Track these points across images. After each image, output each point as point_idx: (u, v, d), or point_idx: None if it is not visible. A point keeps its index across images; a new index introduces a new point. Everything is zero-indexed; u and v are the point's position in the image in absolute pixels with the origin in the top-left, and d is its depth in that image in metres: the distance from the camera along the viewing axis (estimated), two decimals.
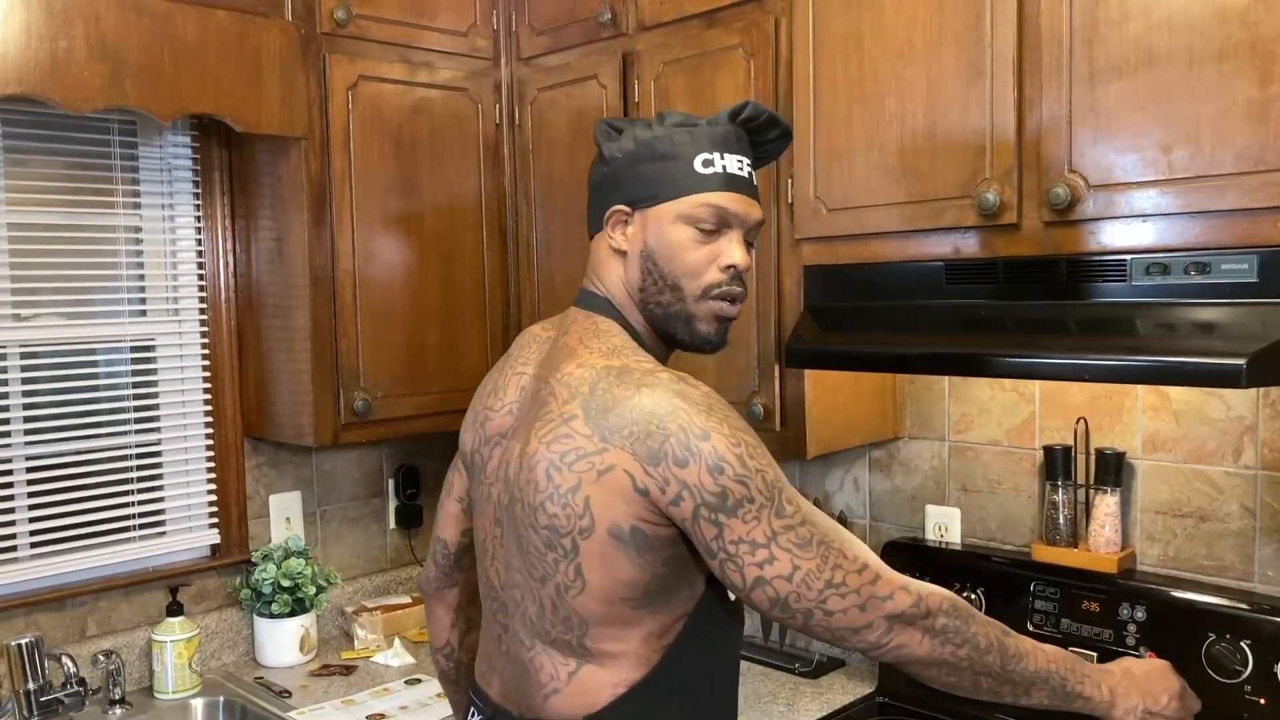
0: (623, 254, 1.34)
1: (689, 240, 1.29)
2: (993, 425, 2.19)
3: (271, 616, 2.46)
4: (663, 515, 1.20)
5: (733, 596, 1.27)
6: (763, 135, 1.38)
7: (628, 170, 1.32)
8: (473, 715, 1.43)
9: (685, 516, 1.18)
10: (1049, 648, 1.30)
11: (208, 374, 2.51)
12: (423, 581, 1.63)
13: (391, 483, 2.85)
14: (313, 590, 2.48)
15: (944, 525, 2.27)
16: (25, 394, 2.27)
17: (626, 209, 1.32)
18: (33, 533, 2.27)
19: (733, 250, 1.31)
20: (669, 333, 1.34)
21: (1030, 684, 1.27)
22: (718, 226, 1.30)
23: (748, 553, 1.17)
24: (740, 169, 1.32)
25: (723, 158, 1.30)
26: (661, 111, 1.36)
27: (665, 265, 1.30)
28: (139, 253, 2.42)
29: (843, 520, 2.40)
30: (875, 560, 1.21)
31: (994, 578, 2.10)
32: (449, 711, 2.17)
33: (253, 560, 2.51)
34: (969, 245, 1.75)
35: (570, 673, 1.27)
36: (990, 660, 1.24)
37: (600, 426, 1.21)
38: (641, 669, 1.26)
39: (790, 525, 1.18)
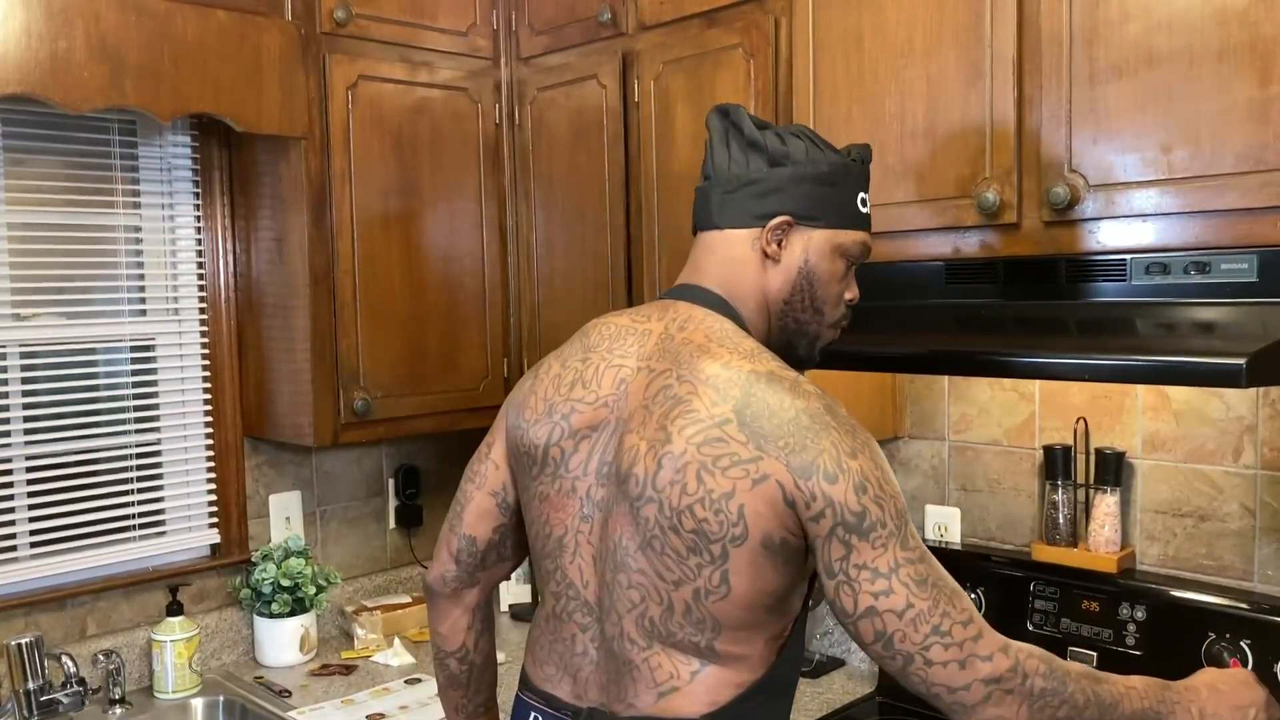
0: (775, 262, 1.33)
1: (839, 271, 1.36)
2: (993, 425, 2.19)
3: (271, 616, 2.46)
4: (802, 528, 1.19)
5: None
6: None
7: (797, 182, 1.32)
8: (534, 719, 1.39)
9: (821, 533, 1.17)
10: (1135, 680, 1.27)
11: (208, 374, 2.51)
12: (434, 581, 1.53)
13: (391, 483, 2.85)
14: (313, 590, 2.48)
15: (944, 525, 2.27)
16: (25, 394, 2.27)
17: (791, 221, 1.32)
18: (33, 533, 2.27)
19: (854, 286, 1.40)
20: (791, 345, 1.38)
21: None
22: (859, 262, 1.38)
23: (868, 580, 1.15)
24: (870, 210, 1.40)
25: (869, 199, 1.39)
26: (802, 127, 1.37)
27: (820, 289, 1.35)
28: (139, 253, 2.42)
29: None
30: (980, 618, 1.19)
31: (994, 578, 2.10)
32: None
33: (253, 560, 2.51)
34: (969, 245, 1.75)
35: (693, 672, 1.25)
36: (1090, 716, 1.20)
37: (756, 433, 1.18)
38: (761, 669, 1.26)
39: (912, 560, 1.16)
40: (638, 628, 1.26)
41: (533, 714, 1.39)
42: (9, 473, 2.24)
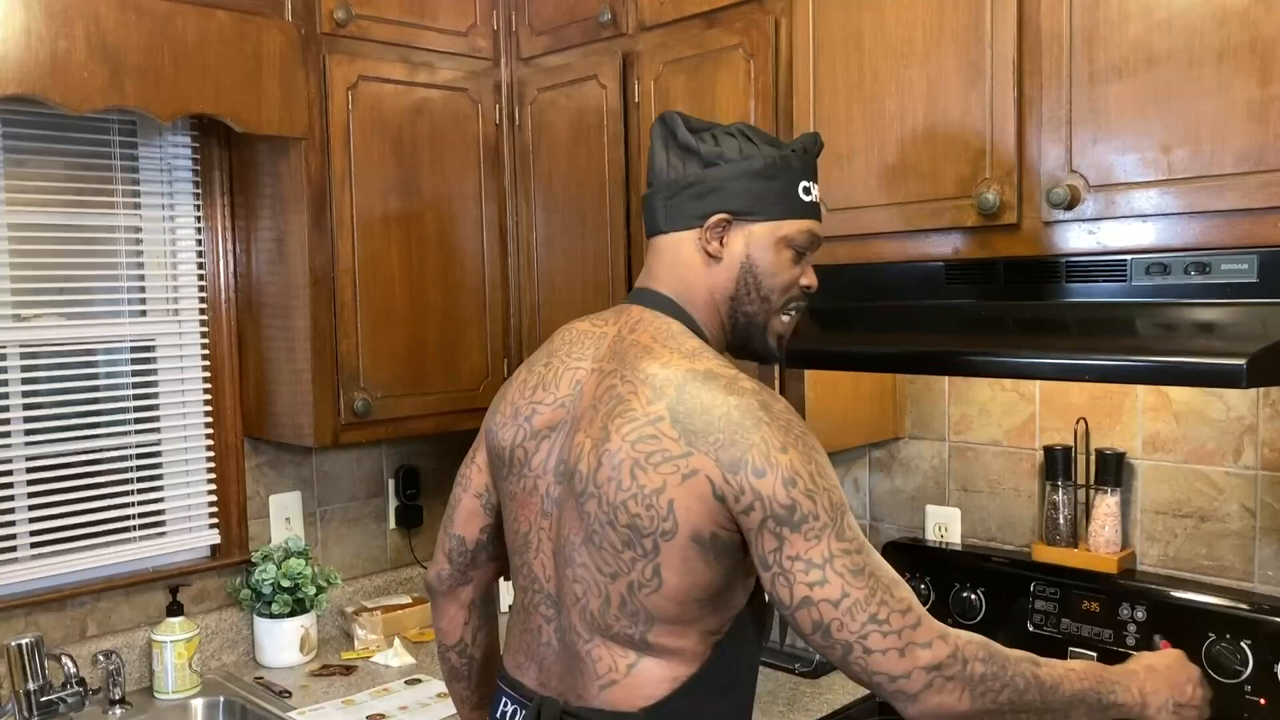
0: (717, 260, 1.36)
1: (786, 262, 1.37)
2: (993, 425, 2.19)
3: (271, 617, 2.46)
4: (734, 523, 1.21)
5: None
6: None
7: (732, 180, 1.34)
8: (505, 704, 1.44)
9: (752, 526, 1.20)
10: (1074, 664, 1.30)
11: (208, 374, 2.51)
12: (432, 579, 1.61)
13: (391, 483, 2.85)
14: (313, 590, 2.48)
15: (944, 525, 2.27)
16: (25, 394, 2.27)
17: (729, 218, 1.35)
18: (33, 533, 2.27)
19: (810, 273, 1.41)
20: (744, 340, 1.41)
21: (1069, 708, 1.27)
22: (807, 251, 1.39)
23: (802, 571, 1.18)
24: (818, 198, 1.42)
25: (814, 187, 1.40)
26: (741, 124, 1.38)
27: (765, 280, 1.37)
28: (139, 253, 2.42)
29: None
30: (919, 606, 1.21)
31: (994, 578, 2.10)
32: (450, 711, 2.17)
33: (253, 560, 2.51)
34: (969, 245, 1.75)
35: (629, 665, 1.29)
36: (1030, 698, 1.23)
37: (687, 430, 1.22)
38: (695, 664, 1.29)
39: (847, 550, 1.18)
40: (581, 620, 1.31)
41: (503, 699, 1.45)
42: (9, 473, 2.24)
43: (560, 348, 1.44)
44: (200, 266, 2.50)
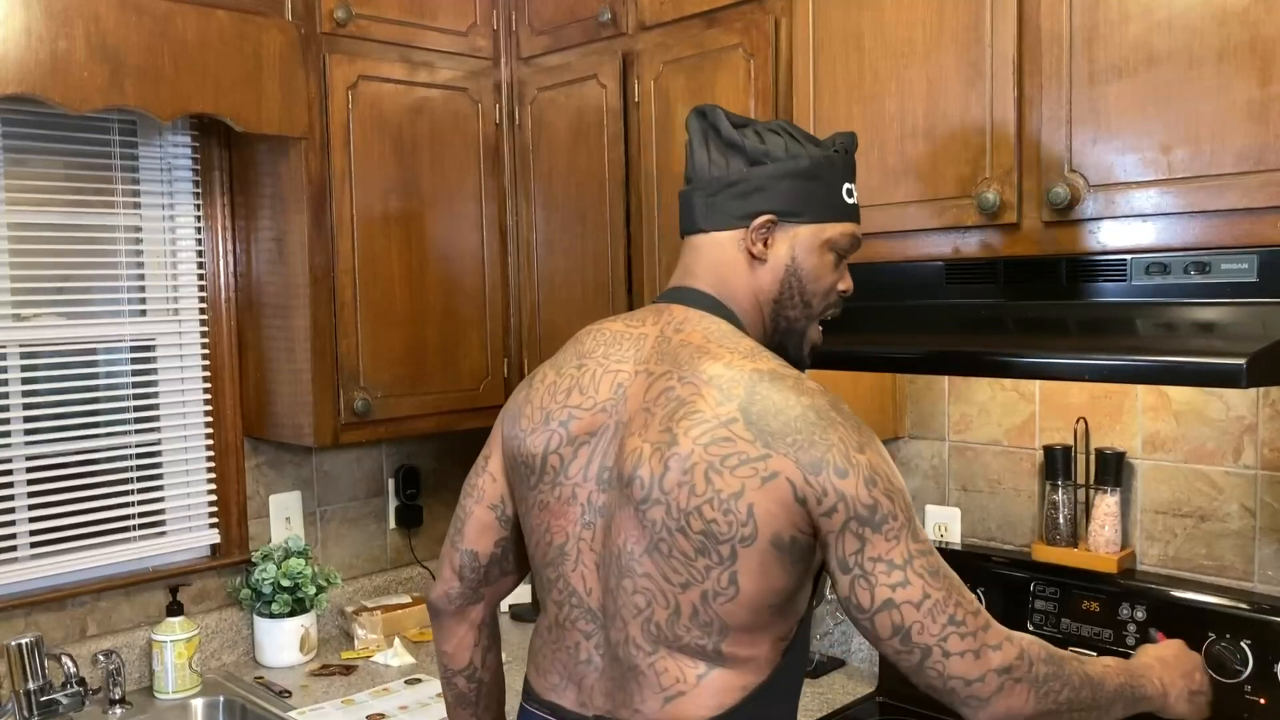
0: (761, 261, 1.32)
1: (829, 265, 1.35)
2: (993, 425, 2.19)
3: (271, 616, 2.46)
4: (812, 525, 1.18)
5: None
6: None
7: (778, 180, 1.31)
8: None
9: (834, 528, 1.17)
10: (1108, 660, 1.32)
11: (208, 374, 2.51)
12: (438, 599, 1.50)
13: (391, 483, 2.85)
14: (313, 590, 2.48)
15: (944, 525, 2.27)
16: (25, 394, 2.27)
17: (774, 219, 1.31)
18: (33, 533, 2.27)
19: (847, 277, 1.38)
20: (783, 344, 1.37)
21: (1112, 703, 1.27)
22: (849, 254, 1.37)
23: (884, 572, 1.16)
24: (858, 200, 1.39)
25: (855, 189, 1.37)
26: (782, 122, 1.35)
27: (809, 284, 1.34)
28: (139, 253, 2.42)
29: None
30: (984, 609, 1.20)
31: (994, 578, 2.10)
32: None
33: (253, 560, 2.51)
34: (969, 245, 1.75)
35: (700, 675, 1.24)
36: (1084, 696, 1.23)
37: (762, 431, 1.18)
38: (766, 670, 1.26)
39: (924, 551, 1.17)
40: (643, 633, 1.25)
41: None
42: (9, 473, 2.24)
43: (594, 349, 1.36)
44: (200, 266, 2.50)
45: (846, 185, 1.35)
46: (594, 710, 1.31)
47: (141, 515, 2.43)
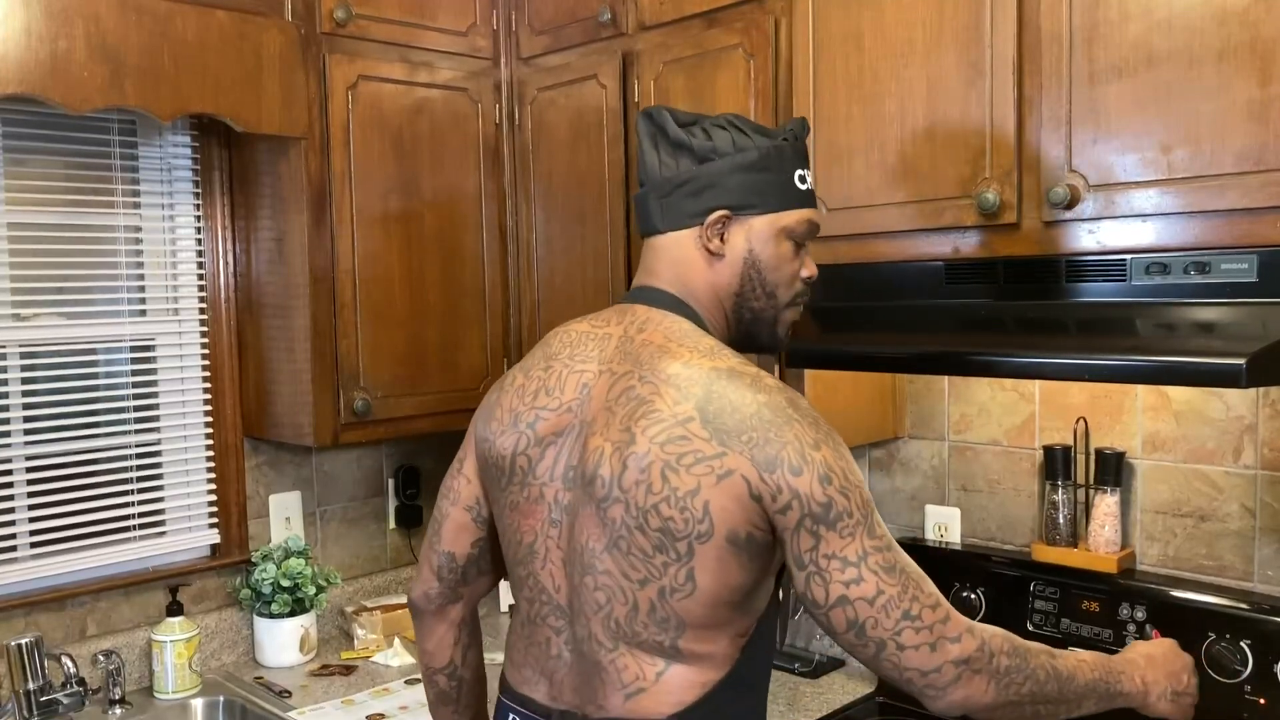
0: (719, 257, 1.34)
1: (788, 253, 1.35)
2: (993, 425, 2.19)
3: (271, 616, 2.46)
4: (769, 522, 1.20)
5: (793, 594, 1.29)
6: None
7: (726, 174, 1.32)
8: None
9: (789, 525, 1.19)
10: (1084, 654, 1.32)
11: (208, 374, 2.51)
12: (418, 599, 1.53)
13: (391, 483, 2.85)
14: (312, 590, 2.48)
15: (944, 525, 2.27)
16: (25, 394, 2.27)
17: (728, 214, 1.32)
18: (33, 533, 2.27)
19: (810, 263, 1.39)
20: (752, 334, 1.39)
21: (1082, 698, 1.29)
22: (805, 241, 1.37)
23: (838, 569, 1.17)
24: (813, 185, 1.40)
25: (810, 175, 1.37)
26: (729, 115, 1.36)
27: (769, 274, 1.34)
28: (139, 253, 2.43)
29: None
30: (945, 601, 1.22)
31: (994, 578, 2.10)
32: None
33: (253, 560, 2.51)
34: (969, 245, 1.75)
35: (659, 673, 1.26)
36: (1050, 689, 1.25)
37: (718, 429, 1.19)
38: (725, 667, 1.27)
39: (879, 548, 1.19)
40: (604, 629, 1.27)
41: (511, 716, 1.41)
42: (9, 473, 2.24)
43: (560, 350, 1.38)
44: (200, 266, 2.50)
45: (799, 172, 1.35)
46: (563, 705, 1.34)
47: (141, 515, 2.43)
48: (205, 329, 2.50)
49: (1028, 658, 1.24)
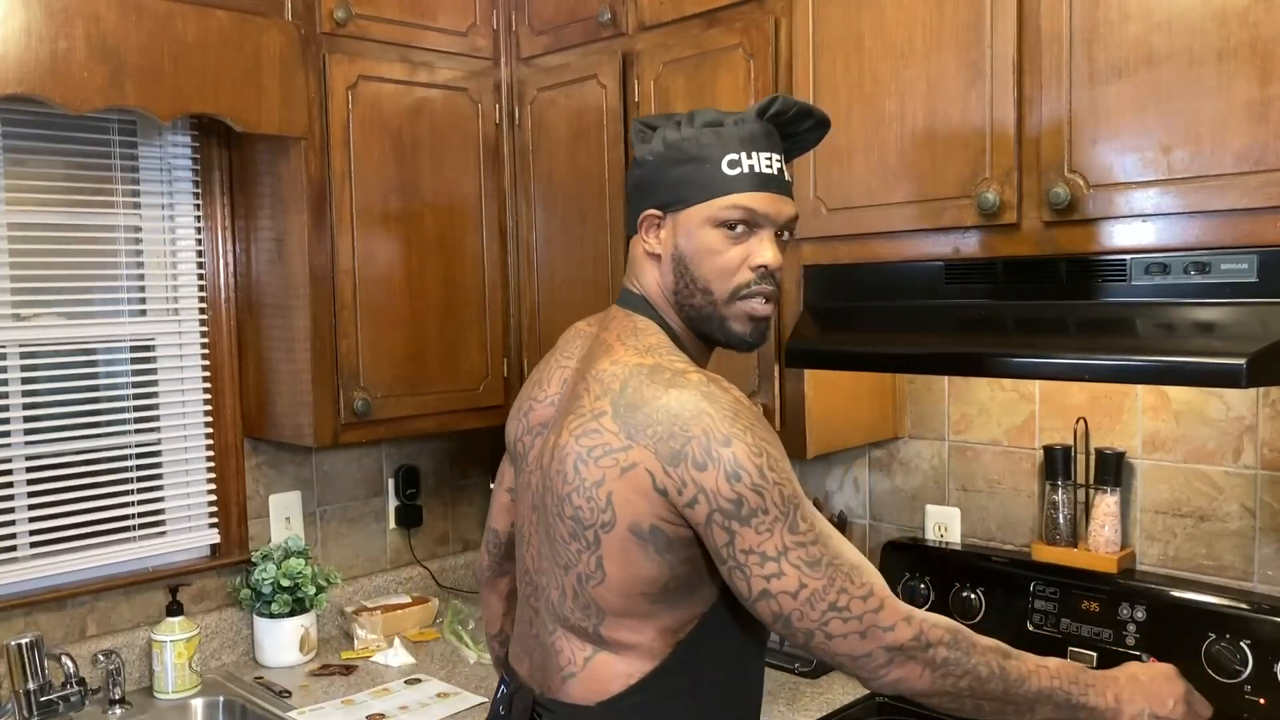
0: (656, 257, 1.35)
1: (718, 243, 1.30)
2: (993, 425, 2.19)
3: (271, 616, 2.46)
4: (680, 516, 1.22)
5: None
6: (795, 128, 1.37)
7: (658, 173, 1.33)
8: (500, 690, 1.49)
9: (699, 520, 1.20)
10: (1052, 661, 1.30)
11: (208, 374, 2.51)
12: (477, 571, 1.72)
13: (391, 483, 2.85)
14: (313, 590, 2.48)
15: (944, 525, 2.27)
16: (25, 394, 2.26)
17: (658, 213, 1.34)
18: (33, 533, 2.27)
19: (763, 250, 1.31)
20: (705, 333, 1.36)
21: (1034, 703, 1.27)
22: (748, 227, 1.30)
23: (757, 564, 1.18)
24: (770, 166, 1.31)
25: (750, 157, 1.30)
26: (694, 110, 1.35)
27: (695, 269, 1.32)
28: (139, 253, 2.42)
29: (843, 520, 2.40)
30: (883, 589, 1.21)
31: (994, 578, 2.10)
32: (449, 711, 2.17)
33: (253, 560, 2.51)
34: (969, 245, 1.75)
35: (586, 658, 1.31)
36: (992, 688, 1.24)
37: (627, 424, 1.23)
38: (652, 661, 1.29)
39: (802, 543, 1.19)
40: (546, 610, 1.35)
41: (501, 687, 1.49)
42: (9, 473, 2.24)
43: (560, 346, 1.49)
44: (200, 266, 2.50)
45: (731, 156, 1.29)
46: (534, 681, 1.39)
47: (141, 515, 2.43)
48: (205, 329, 2.50)
49: (970, 653, 1.23)
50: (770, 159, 1.31)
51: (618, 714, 1.29)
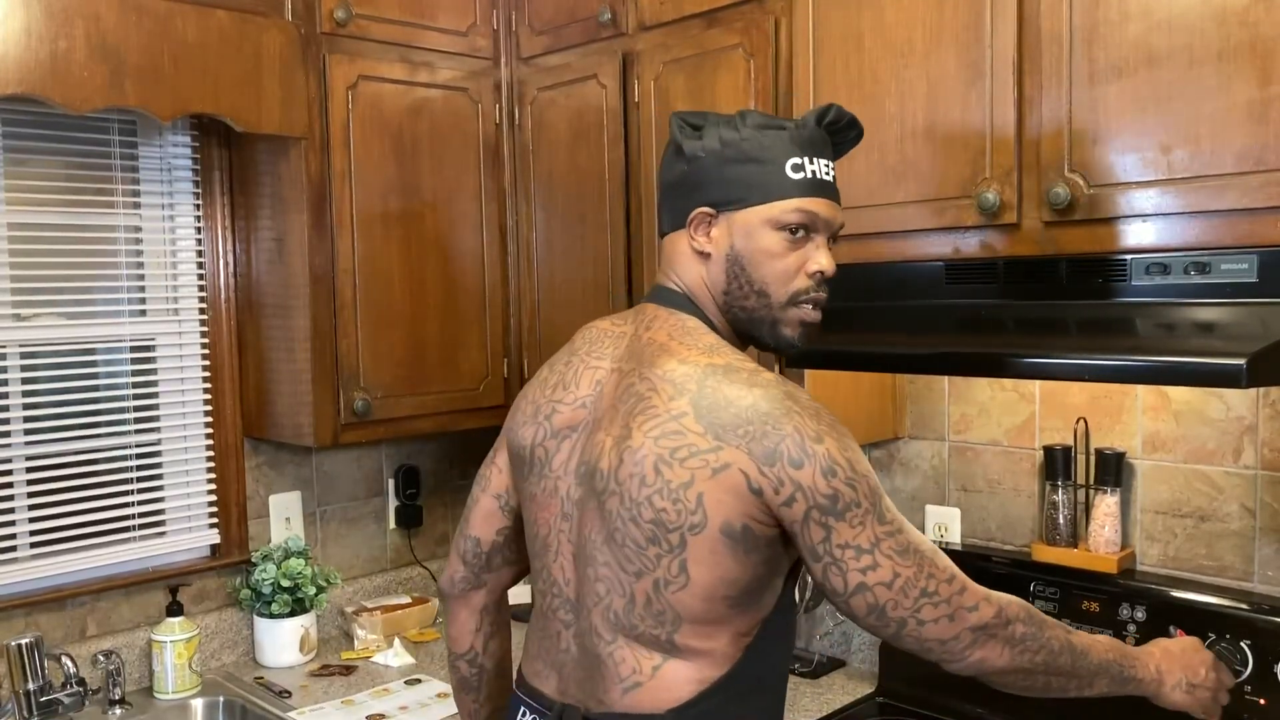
0: (705, 255, 1.33)
1: (778, 246, 1.30)
2: (993, 425, 2.19)
3: (271, 616, 2.46)
4: (772, 516, 1.21)
5: (797, 594, 1.30)
6: (842, 136, 1.38)
7: (713, 171, 1.31)
8: (524, 714, 1.41)
9: (796, 518, 1.19)
10: (1100, 637, 1.37)
11: (208, 374, 2.51)
12: (444, 583, 1.57)
13: (391, 483, 2.85)
14: (312, 590, 2.48)
15: (944, 525, 2.27)
16: (25, 394, 2.27)
17: (711, 211, 1.32)
18: (33, 533, 2.27)
19: (820, 256, 1.31)
20: (752, 335, 1.35)
21: (1094, 676, 1.33)
22: (807, 232, 1.30)
23: (853, 558, 1.19)
24: (827, 173, 1.32)
25: (812, 162, 1.30)
26: (743, 110, 1.34)
27: (754, 271, 1.30)
28: (139, 253, 2.42)
29: None
30: (960, 572, 1.24)
31: (994, 578, 2.09)
32: (449, 711, 2.17)
33: (253, 560, 2.51)
34: (969, 245, 1.75)
35: (655, 667, 1.27)
36: (1063, 661, 1.29)
37: (713, 424, 1.20)
38: (724, 666, 1.27)
39: (890, 532, 1.20)
40: (604, 621, 1.29)
41: (521, 708, 1.42)
42: (9, 473, 2.24)
43: (581, 347, 1.42)
44: (200, 266, 2.50)
45: (794, 160, 1.29)
46: (570, 698, 1.35)
47: (141, 515, 2.43)
48: (205, 329, 2.50)
49: (1044, 628, 1.28)
50: (828, 166, 1.33)
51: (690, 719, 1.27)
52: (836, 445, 1.19)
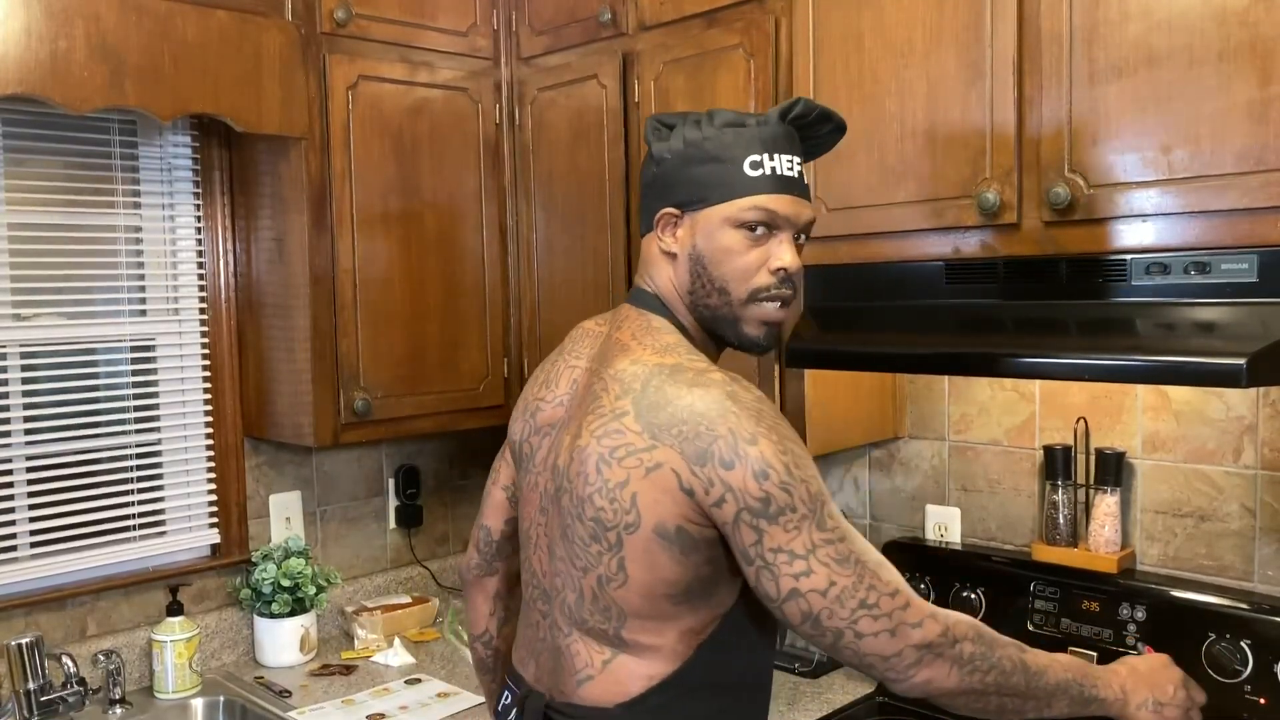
0: (672, 256, 1.34)
1: (738, 244, 1.30)
2: (993, 425, 2.19)
3: (271, 616, 2.46)
4: (706, 516, 1.20)
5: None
6: (814, 131, 1.37)
7: (677, 172, 1.32)
8: (505, 697, 1.46)
9: (727, 520, 1.19)
10: (1060, 656, 1.32)
11: (208, 374, 2.51)
12: (463, 568, 1.66)
13: (391, 483, 2.85)
14: (313, 590, 2.48)
15: (944, 525, 2.27)
16: (25, 394, 2.27)
17: (676, 211, 1.33)
18: (33, 533, 2.27)
19: (782, 253, 1.31)
20: (718, 334, 1.36)
21: (1052, 696, 1.28)
22: (768, 229, 1.30)
23: (785, 563, 1.17)
24: (791, 169, 1.31)
25: (772, 159, 1.30)
26: (712, 109, 1.34)
27: (714, 269, 1.31)
28: (139, 253, 2.42)
29: None
30: (906, 587, 1.21)
31: (994, 578, 2.10)
32: (449, 711, 2.17)
33: (253, 560, 2.51)
34: (969, 245, 1.75)
35: (605, 661, 1.29)
36: (1016, 681, 1.25)
37: (650, 424, 1.21)
38: (674, 663, 1.28)
39: (830, 540, 1.18)
40: (561, 614, 1.33)
41: (505, 692, 1.47)
42: (9, 473, 2.24)
43: (567, 346, 1.46)
44: (200, 266, 2.50)
45: (753, 157, 1.29)
46: (543, 686, 1.38)
47: (141, 515, 2.43)
48: (205, 329, 2.50)
49: (994, 647, 1.24)
50: (791, 161, 1.32)
51: (637, 715, 1.28)
52: (773, 448, 1.17)
